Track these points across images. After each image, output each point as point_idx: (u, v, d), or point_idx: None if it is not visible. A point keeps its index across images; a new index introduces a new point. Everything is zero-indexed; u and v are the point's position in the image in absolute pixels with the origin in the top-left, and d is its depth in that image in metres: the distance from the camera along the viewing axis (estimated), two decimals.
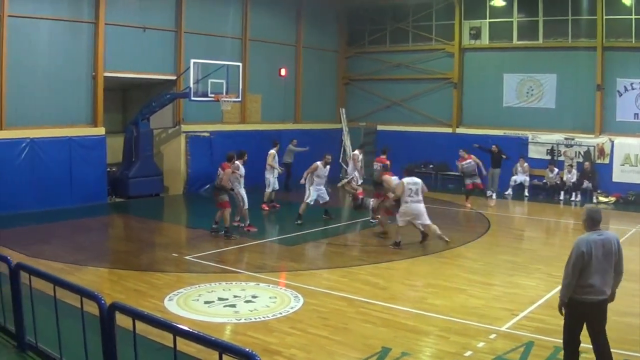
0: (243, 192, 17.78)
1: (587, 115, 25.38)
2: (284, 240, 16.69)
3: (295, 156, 25.11)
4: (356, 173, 21.45)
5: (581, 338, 7.77)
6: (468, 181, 22.96)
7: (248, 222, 17.82)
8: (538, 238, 18.25)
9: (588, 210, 7.88)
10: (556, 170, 24.82)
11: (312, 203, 18.80)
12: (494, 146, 24.93)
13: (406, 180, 16.12)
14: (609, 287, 7.57)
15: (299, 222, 18.43)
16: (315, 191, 18.81)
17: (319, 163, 18.88)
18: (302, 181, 19.05)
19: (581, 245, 7.57)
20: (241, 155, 17.91)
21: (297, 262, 14.52)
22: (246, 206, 17.77)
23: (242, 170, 17.68)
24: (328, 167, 19.10)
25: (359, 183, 21.62)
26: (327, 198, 19.20)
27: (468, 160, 22.97)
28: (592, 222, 7.77)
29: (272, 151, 21.24)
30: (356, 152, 22.30)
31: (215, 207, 16.98)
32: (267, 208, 20.81)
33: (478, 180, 23.04)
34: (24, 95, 19.80)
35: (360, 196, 19.80)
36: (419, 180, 16.28)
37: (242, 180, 17.73)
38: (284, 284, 12.41)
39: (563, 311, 7.74)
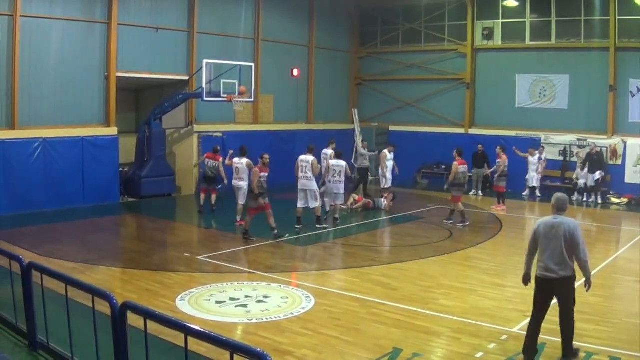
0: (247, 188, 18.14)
1: (600, 116, 25.28)
2: (296, 240, 16.68)
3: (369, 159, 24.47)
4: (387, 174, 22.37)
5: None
6: (502, 183, 22.15)
7: (239, 217, 18.65)
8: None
9: (554, 196, 8.59)
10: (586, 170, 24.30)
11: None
12: (479, 146, 24.91)
13: (332, 162, 18.74)
14: (563, 269, 8.26)
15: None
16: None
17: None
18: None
19: (537, 225, 8.57)
20: (244, 152, 18.92)
21: (308, 262, 14.53)
22: (243, 202, 18.56)
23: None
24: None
25: (388, 185, 21.82)
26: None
27: (498, 161, 22.49)
28: (553, 207, 8.50)
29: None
30: (385, 151, 22.43)
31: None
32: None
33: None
34: (37, 96, 19.92)
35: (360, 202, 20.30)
36: (343, 163, 18.51)
37: (246, 177, 18.51)
38: (295, 284, 12.41)
39: (524, 282, 8.88)
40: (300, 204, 18.17)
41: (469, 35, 28.60)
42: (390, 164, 22.40)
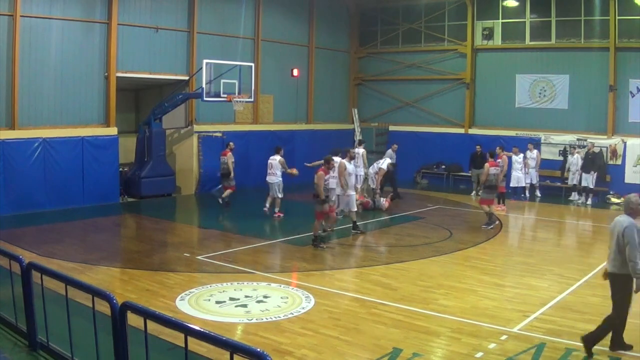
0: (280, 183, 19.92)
1: (600, 116, 25.30)
2: (296, 240, 16.68)
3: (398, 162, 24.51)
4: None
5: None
6: (501, 184, 21.55)
7: (278, 209, 19.92)
8: (550, 239, 18.16)
9: (626, 197, 9.13)
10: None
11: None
12: (478, 147, 24.88)
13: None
14: (613, 265, 8.64)
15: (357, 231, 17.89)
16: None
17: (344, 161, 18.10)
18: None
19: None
20: (279, 150, 20.36)
21: (308, 262, 14.51)
22: (282, 195, 19.96)
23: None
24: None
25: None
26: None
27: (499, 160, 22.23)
28: (624, 207, 9.02)
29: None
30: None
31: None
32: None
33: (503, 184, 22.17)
34: (36, 96, 19.93)
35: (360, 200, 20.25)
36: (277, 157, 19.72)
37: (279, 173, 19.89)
38: (295, 284, 12.41)
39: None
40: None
41: (468, 35, 28.61)
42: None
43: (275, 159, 20.03)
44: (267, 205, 20.07)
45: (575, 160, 24.03)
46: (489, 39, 28.20)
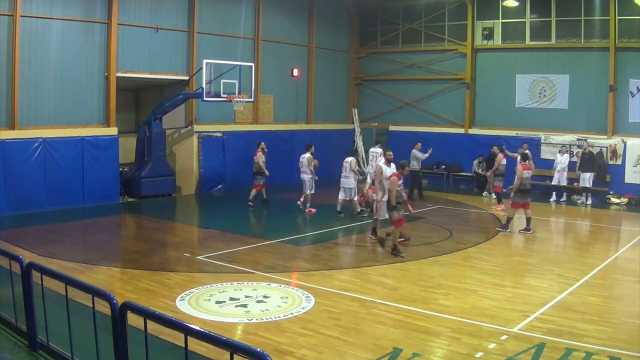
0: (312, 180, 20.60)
1: (600, 116, 25.30)
2: (296, 240, 16.68)
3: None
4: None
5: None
6: (499, 183, 21.96)
7: (309, 204, 20.58)
8: (550, 239, 18.17)
9: None
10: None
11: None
12: (494, 147, 24.70)
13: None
14: None
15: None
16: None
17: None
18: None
19: None
20: (309, 148, 21.06)
21: (308, 262, 14.52)
22: (312, 191, 20.64)
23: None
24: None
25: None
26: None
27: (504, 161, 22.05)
28: None
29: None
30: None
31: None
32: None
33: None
34: (36, 96, 19.93)
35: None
36: (349, 158, 19.96)
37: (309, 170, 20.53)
38: (295, 284, 12.40)
39: None
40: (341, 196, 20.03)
41: (468, 35, 28.60)
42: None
43: (304, 157, 20.72)
44: (302, 199, 20.91)
45: (565, 159, 23.96)
46: (489, 39, 28.19)
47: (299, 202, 20.96)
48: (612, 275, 13.53)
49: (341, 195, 20.10)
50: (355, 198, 20.14)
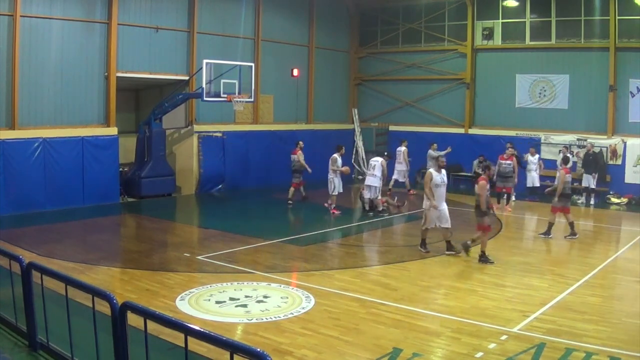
0: (338, 180, 20.66)
1: (600, 116, 25.29)
2: (296, 240, 16.68)
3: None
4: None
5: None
6: (500, 184, 21.82)
7: (334, 205, 20.58)
8: (550, 239, 18.16)
9: None
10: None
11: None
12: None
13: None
14: None
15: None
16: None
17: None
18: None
19: None
20: (339, 148, 21.13)
21: (308, 262, 14.51)
22: (337, 192, 20.67)
23: (340, 162, 20.68)
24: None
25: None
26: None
27: (509, 161, 21.95)
28: None
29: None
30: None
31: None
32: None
33: (510, 184, 22.08)
34: (36, 95, 19.93)
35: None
36: (379, 159, 20.29)
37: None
38: (295, 284, 12.41)
39: None
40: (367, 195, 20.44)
41: (468, 35, 28.60)
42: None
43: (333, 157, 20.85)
44: (329, 201, 20.85)
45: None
46: (489, 39, 28.19)
47: (327, 206, 20.80)
48: (612, 275, 13.53)
49: (367, 194, 20.35)
50: (379, 197, 20.35)
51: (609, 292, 12.28)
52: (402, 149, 24.85)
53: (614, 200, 23.86)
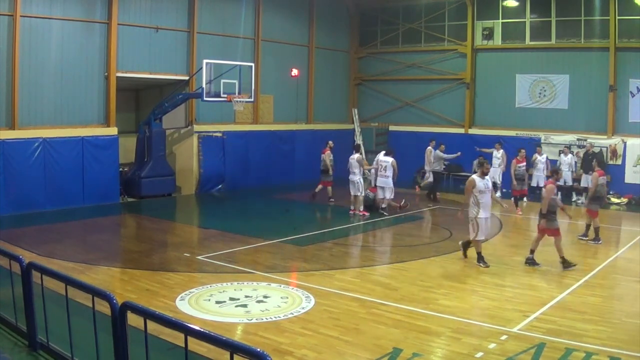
0: (362, 181, 20.45)
1: (600, 116, 25.30)
2: (296, 240, 16.67)
3: (447, 162, 24.91)
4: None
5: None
6: (518, 187, 21.40)
7: (362, 207, 20.42)
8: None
9: None
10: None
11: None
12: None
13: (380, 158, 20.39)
14: None
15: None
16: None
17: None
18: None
19: None
20: (357, 148, 21.52)
21: (308, 262, 14.50)
22: (360, 194, 20.41)
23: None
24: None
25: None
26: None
27: (523, 163, 21.62)
28: None
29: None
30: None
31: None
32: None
33: (525, 187, 21.84)
34: (36, 96, 19.93)
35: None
36: (389, 159, 20.24)
37: (358, 171, 20.30)
38: (295, 284, 12.40)
39: None
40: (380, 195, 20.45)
41: (468, 35, 28.60)
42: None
43: (353, 158, 20.61)
44: (352, 206, 20.69)
45: (569, 159, 23.86)
46: (489, 39, 28.19)
47: (350, 211, 20.60)
48: (612, 275, 13.51)
49: (380, 194, 20.41)
50: (388, 196, 20.41)
51: (609, 292, 12.27)
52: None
53: (614, 200, 23.85)
